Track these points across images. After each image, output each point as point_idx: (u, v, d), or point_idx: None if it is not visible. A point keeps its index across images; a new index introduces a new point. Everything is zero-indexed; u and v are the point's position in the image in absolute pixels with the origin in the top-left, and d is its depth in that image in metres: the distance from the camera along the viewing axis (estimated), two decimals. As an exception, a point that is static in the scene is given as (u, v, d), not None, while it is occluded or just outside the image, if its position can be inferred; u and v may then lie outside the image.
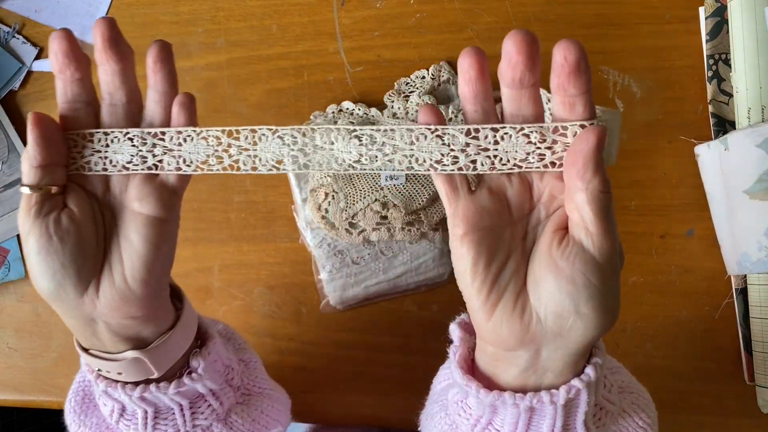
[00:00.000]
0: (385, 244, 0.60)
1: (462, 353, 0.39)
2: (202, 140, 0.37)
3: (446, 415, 0.41)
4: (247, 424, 0.45)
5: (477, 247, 0.33)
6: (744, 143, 0.53)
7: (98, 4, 0.64)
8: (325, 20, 0.62)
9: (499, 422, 0.37)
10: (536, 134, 0.34)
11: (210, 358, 0.42)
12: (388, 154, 0.35)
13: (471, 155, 0.34)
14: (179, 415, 0.42)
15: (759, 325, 0.55)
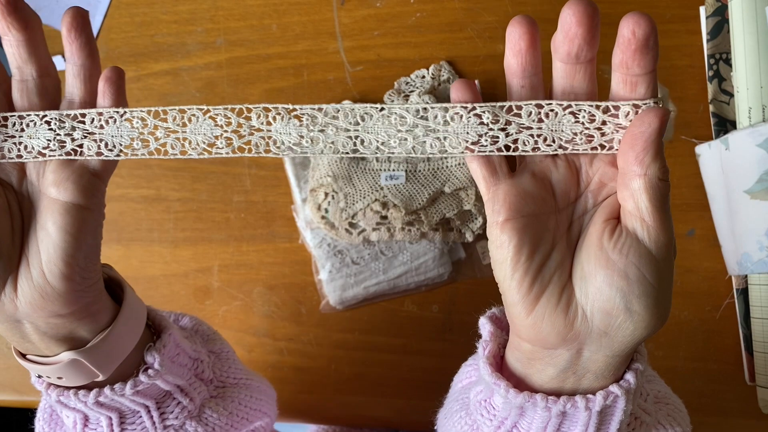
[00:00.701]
0: (385, 244, 0.60)
1: (492, 349, 0.36)
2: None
3: (467, 414, 0.39)
4: (224, 418, 0.43)
5: (521, 234, 0.31)
6: (745, 143, 0.53)
7: (97, 3, 0.64)
8: (325, 19, 0.62)
9: (525, 426, 0.34)
10: (585, 113, 0.31)
11: (167, 352, 0.39)
12: (420, 136, 0.32)
13: (512, 134, 0.32)
14: (147, 417, 0.39)
15: (760, 325, 0.55)
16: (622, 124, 0.31)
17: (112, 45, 0.64)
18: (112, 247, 0.64)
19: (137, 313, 0.39)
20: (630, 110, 0.31)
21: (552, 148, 0.32)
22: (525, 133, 0.32)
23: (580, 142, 0.31)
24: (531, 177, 0.32)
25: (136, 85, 0.64)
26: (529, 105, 0.31)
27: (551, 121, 0.31)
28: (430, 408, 0.62)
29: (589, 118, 0.31)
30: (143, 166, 0.64)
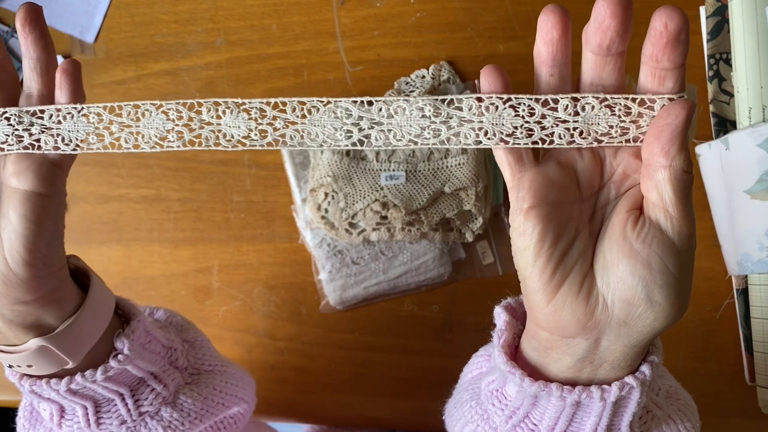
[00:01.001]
0: (385, 244, 0.60)
1: (507, 338, 0.37)
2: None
3: (477, 404, 0.39)
4: (199, 403, 0.43)
5: (545, 222, 0.31)
6: (745, 143, 0.53)
7: (97, 3, 0.64)
8: (325, 19, 0.62)
9: (538, 416, 0.35)
10: (621, 106, 0.31)
11: (137, 338, 0.39)
12: (454, 127, 0.32)
13: (548, 128, 0.32)
14: (122, 405, 0.39)
15: (760, 325, 0.55)
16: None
17: (111, 45, 0.64)
18: (112, 247, 0.64)
19: (104, 300, 0.39)
20: (666, 103, 0.31)
21: (587, 141, 0.32)
22: (561, 126, 0.32)
23: (615, 135, 0.32)
24: (556, 165, 0.32)
25: (136, 85, 0.64)
26: (566, 98, 0.31)
27: (587, 114, 0.31)
28: (429, 408, 0.63)
29: (624, 111, 0.31)
30: (143, 166, 0.64)
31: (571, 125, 0.32)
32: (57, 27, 0.64)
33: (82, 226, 0.65)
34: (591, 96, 0.31)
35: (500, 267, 0.61)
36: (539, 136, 0.32)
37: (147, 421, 0.41)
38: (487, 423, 0.38)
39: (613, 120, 0.31)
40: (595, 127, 0.32)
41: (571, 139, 0.32)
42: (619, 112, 0.31)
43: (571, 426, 0.34)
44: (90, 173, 0.64)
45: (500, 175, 0.59)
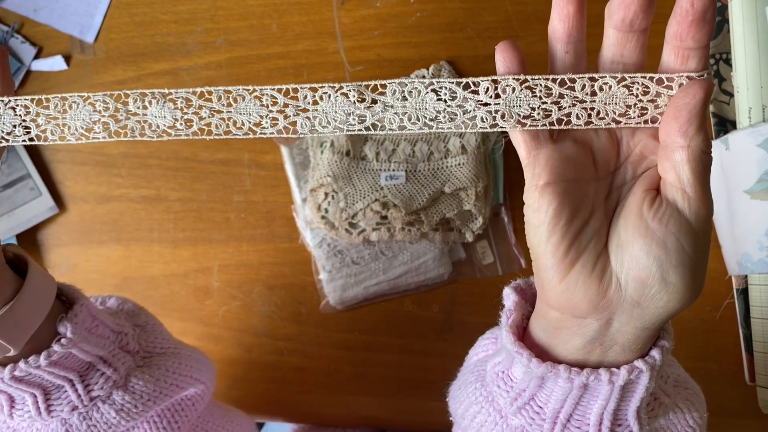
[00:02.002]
0: (385, 244, 0.60)
1: (515, 319, 0.36)
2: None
3: (482, 386, 0.39)
4: (151, 384, 0.42)
5: (561, 198, 0.30)
6: (745, 143, 0.53)
7: (97, 3, 0.63)
8: (325, 19, 0.62)
9: (544, 398, 0.34)
10: (639, 85, 0.31)
11: (80, 321, 0.39)
12: (470, 110, 0.31)
13: (565, 108, 0.31)
14: (71, 390, 0.39)
15: (760, 325, 0.55)
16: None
17: (112, 45, 0.64)
18: (111, 247, 0.64)
19: (44, 286, 0.39)
20: (684, 82, 0.30)
21: (605, 122, 0.31)
22: (578, 106, 0.31)
23: (633, 116, 0.31)
24: (573, 143, 0.32)
25: (136, 85, 0.64)
26: (583, 78, 0.31)
27: (605, 94, 0.31)
28: (430, 408, 0.63)
29: (643, 91, 0.31)
30: (143, 166, 0.64)
31: (588, 105, 0.31)
32: (57, 27, 0.64)
33: (82, 226, 0.65)
34: (609, 75, 0.31)
35: (500, 267, 0.60)
36: (557, 116, 0.31)
37: (99, 406, 0.40)
38: (492, 405, 0.37)
39: (631, 100, 0.31)
40: (613, 107, 0.31)
41: (588, 119, 0.31)
42: (637, 91, 0.31)
43: (577, 409, 0.34)
44: (90, 173, 0.64)
45: (500, 175, 0.59)
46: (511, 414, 0.36)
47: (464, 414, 0.40)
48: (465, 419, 0.39)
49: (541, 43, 0.59)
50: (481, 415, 0.38)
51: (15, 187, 0.63)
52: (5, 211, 0.63)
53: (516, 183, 0.60)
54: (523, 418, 0.35)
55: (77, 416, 0.39)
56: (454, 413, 0.41)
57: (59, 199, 0.65)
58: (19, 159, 0.63)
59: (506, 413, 0.36)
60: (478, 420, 0.38)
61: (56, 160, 0.64)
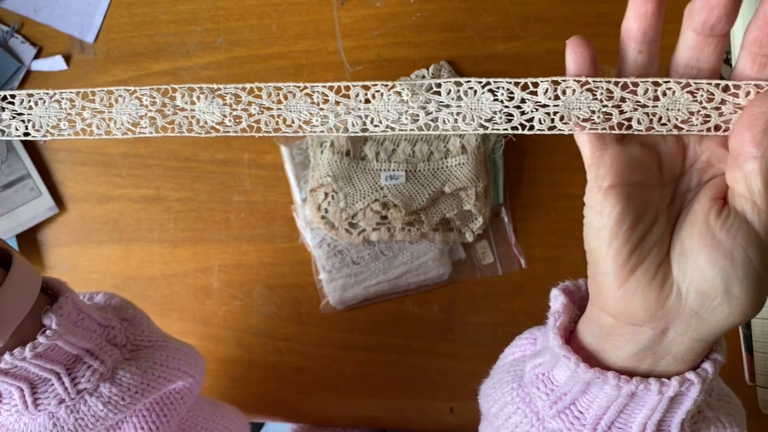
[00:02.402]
0: (385, 244, 0.60)
1: (563, 321, 0.35)
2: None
3: (519, 386, 0.38)
4: (138, 377, 0.42)
5: (625, 202, 0.30)
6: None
7: (97, 3, 0.63)
8: (325, 19, 0.62)
9: (586, 403, 0.34)
10: (704, 92, 0.30)
11: (66, 313, 0.39)
12: (528, 112, 0.30)
13: (626, 112, 0.30)
14: (58, 383, 0.39)
15: (760, 325, 0.55)
16: (741, 105, 0.30)
17: (111, 45, 0.64)
18: (111, 247, 0.64)
19: (29, 278, 0.38)
20: (751, 90, 0.29)
21: (666, 128, 0.31)
22: (640, 111, 0.31)
23: (696, 123, 0.30)
24: (640, 146, 0.31)
25: (136, 85, 0.63)
26: (647, 82, 0.30)
27: (668, 99, 0.30)
28: (430, 408, 0.63)
29: (707, 98, 0.30)
30: (143, 165, 0.64)
31: (650, 110, 0.31)
32: (57, 27, 0.64)
33: (82, 226, 0.65)
34: (673, 81, 0.30)
35: (500, 267, 0.60)
36: (617, 120, 0.31)
37: (86, 399, 0.40)
38: (529, 406, 0.37)
39: (695, 106, 0.30)
40: (676, 113, 0.30)
41: (650, 125, 0.31)
42: (701, 98, 0.30)
43: (620, 417, 0.33)
44: (90, 173, 0.64)
45: (500, 175, 0.59)
46: (549, 417, 0.35)
47: (498, 413, 0.39)
48: (499, 418, 0.39)
49: (541, 43, 0.59)
50: (517, 416, 0.37)
51: (15, 187, 0.63)
52: (5, 211, 0.63)
53: (516, 183, 0.60)
54: (561, 422, 0.35)
55: (64, 409, 0.39)
56: (487, 411, 0.41)
57: (59, 199, 0.64)
58: (19, 159, 0.63)
59: (544, 416, 0.36)
60: (513, 420, 0.38)
61: (56, 160, 0.64)
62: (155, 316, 0.64)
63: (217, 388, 0.64)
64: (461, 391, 0.62)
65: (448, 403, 0.62)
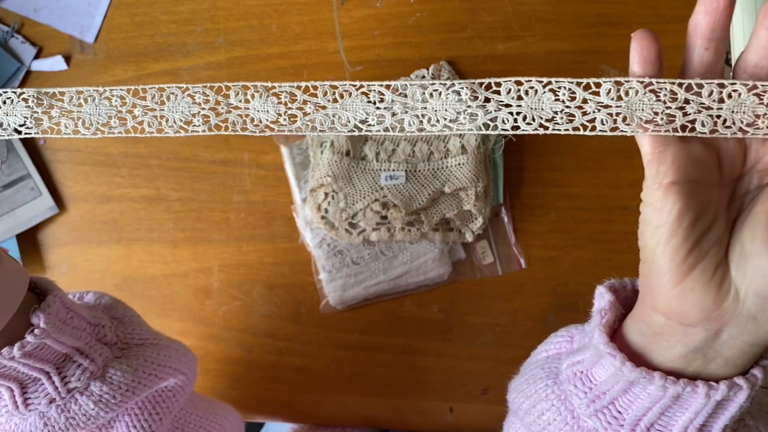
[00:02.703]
0: (385, 244, 0.60)
1: (609, 319, 0.35)
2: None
3: (555, 383, 0.38)
4: (129, 375, 0.42)
5: (686, 200, 0.29)
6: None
7: (97, 3, 0.64)
8: (325, 19, 0.62)
9: (626, 403, 0.33)
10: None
11: (54, 312, 0.38)
12: (590, 112, 0.30)
13: (690, 114, 0.30)
14: (48, 383, 0.38)
15: None
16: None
17: (112, 45, 0.64)
18: (112, 247, 0.64)
19: (16, 277, 0.38)
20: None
21: (731, 131, 0.30)
22: (704, 113, 0.30)
23: (762, 126, 0.30)
24: (701, 144, 0.31)
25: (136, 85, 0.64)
26: (712, 84, 0.30)
27: (733, 102, 0.30)
28: (430, 408, 0.63)
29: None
30: (143, 166, 0.64)
31: (714, 112, 0.30)
32: (57, 27, 0.64)
33: (82, 226, 0.65)
34: (739, 83, 0.29)
35: (500, 267, 0.61)
36: (681, 122, 0.30)
37: (77, 398, 0.40)
38: (564, 404, 0.36)
39: (761, 109, 0.29)
40: (741, 116, 0.30)
41: (714, 127, 0.30)
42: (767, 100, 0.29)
43: (661, 419, 0.32)
44: (90, 173, 0.64)
45: (500, 175, 0.59)
46: (585, 416, 0.35)
47: (530, 410, 0.38)
48: (530, 415, 0.38)
49: (541, 43, 0.59)
50: (551, 413, 0.37)
51: (15, 187, 0.63)
52: (5, 211, 0.63)
53: (516, 183, 0.60)
54: (598, 421, 0.34)
55: (55, 409, 0.39)
56: (517, 407, 0.40)
57: (59, 199, 0.65)
58: (19, 159, 0.63)
59: (579, 414, 0.35)
60: (546, 417, 0.37)
61: (56, 160, 0.64)
62: (155, 316, 0.64)
63: (217, 388, 0.64)
64: (461, 391, 0.62)
65: (448, 403, 0.62)
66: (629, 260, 0.60)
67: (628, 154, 0.59)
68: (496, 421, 0.62)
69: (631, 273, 0.60)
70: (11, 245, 0.64)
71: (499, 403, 0.61)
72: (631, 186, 0.59)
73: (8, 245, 0.64)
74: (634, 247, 0.62)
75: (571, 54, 0.59)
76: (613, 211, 0.60)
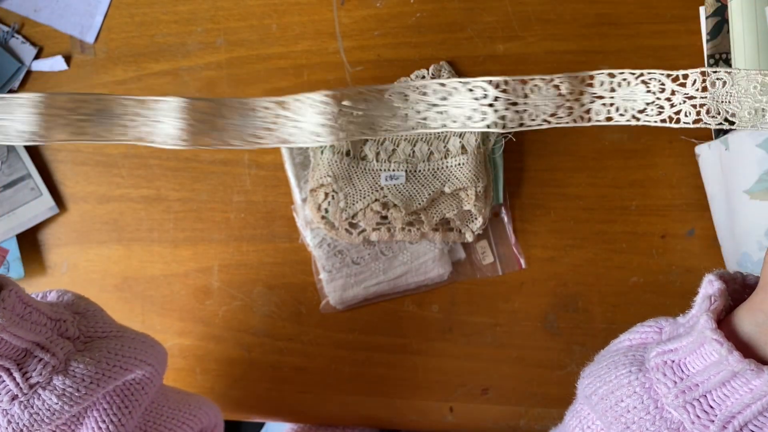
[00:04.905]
0: (385, 244, 0.60)
1: (717, 307, 0.33)
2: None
3: (639, 371, 0.36)
4: (92, 367, 0.41)
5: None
6: (745, 143, 0.53)
7: (97, 4, 0.64)
8: (325, 20, 0.62)
9: (721, 397, 0.31)
10: None
11: (9, 306, 0.38)
12: (677, 104, 0.28)
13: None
14: (9, 379, 0.38)
15: (759, 325, 0.55)
16: None
17: (112, 45, 0.64)
18: (112, 247, 0.64)
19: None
20: None
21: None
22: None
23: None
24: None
25: (136, 86, 0.64)
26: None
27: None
28: (429, 408, 0.63)
29: None
30: (143, 166, 0.64)
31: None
32: (57, 27, 0.64)
33: (83, 226, 0.65)
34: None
35: (500, 267, 0.61)
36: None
37: (39, 393, 0.39)
38: (648, 393, 0.35)
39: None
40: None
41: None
42: None
43: (758, 418, 0.30)
44: (90, 173, 0.64)
45: (500, 175, 0.60)
46: (672, 407, 0.33)
47: (608, 395, 0.37)
48: (607, 400, 0.37)
49: (541, 43, 0.59)
50: (631, 400, 0.35)
51: (15, 187, 0.63)
52: (5, 211, 0.63)
53: (516, 183, 0.60)
54: (686, 413, 0.32)
55: (18, 405, 0.39)
56: (591, 392, 0.39)
57: (59, 199, 0.65)
58: (20, 159, 0.63)
59: (664, 404, 0.34)
60: (626, 404, 0.36)
61: (56, 160, 0.64)
62: (155, 316, 0.64)
63: (217, 388, 0.64)
64: (461, 391, 0.62)
65: (448, 403, 0.62)
66: (629, 260, 0.60)
67: (628, 154, 0.59)
68: (496, 421, 0.62)
69: (631, 273, 0.60)
70: (11, 245, 0.64)
71: (499, 403, 0.61)
72: (631, 186, 0.59)
73: (8, 245, 0.64)
74: (634, 247, 0.62)
75: (570, 54, 0.59)
76: (613, 211, 0.60)
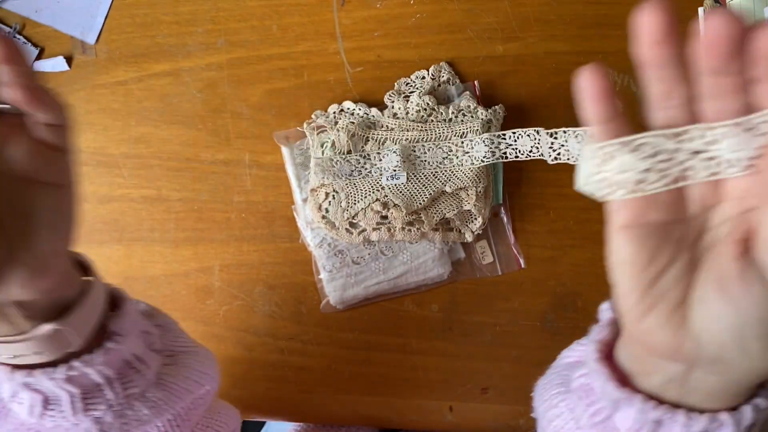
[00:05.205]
0: (385, 244, 0.60)
1: (604, 337, 0.34)
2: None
3: (566, 392, 0.38)
4: (180, 380, 0.42)
5: (637, 246, 0.27)
6: (743, 143, 0.53)
7: (98, 5, 0.64)
8: (325, 20, 0.62)
9: (620, 420, 0.32)
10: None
11: (130, 320, 0.39)
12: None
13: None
14: (109, 389, 0.38)
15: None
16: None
17: (113, 46, 0.64)
18: (113, 247, 0.64)
19: (100, 282, 0.39)
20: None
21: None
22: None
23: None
24: None
25: (137, 86, 0.64)
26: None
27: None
28: (430, 408, 0.63)
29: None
30: (144, 166, 0.64)
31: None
32: (58, 27, 0.64)
33: (84, 226, 0.65)
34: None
35: (500, 267, 0.61)
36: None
37: (133, 403, 0.40)
38: (572, 413, 0.36)
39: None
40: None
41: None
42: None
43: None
44: (91, 173, 0.64)
45: (500, 175, 0.60)
46: (587, 427, 0.35)
47: (545, 414, 0.39)
48: (544, 419, 0.39)
49: (541, 43, 0.59)
50: (560, 420, 0.37)
51: (16, 188, 0.63)
52: (7, 211, 0.63)
53: (516, 183, 0.60)
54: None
55: (111, 414, 0.39)
56: (537, 406, 0.41)
57: (61, 199, 0.65)
58: (21, 159, 0.63)
59: (583, 425, 0.35)
60: (556, 424, 0.38)
61: (58, 160, 0.65)
62: (156, 315, 0.64)
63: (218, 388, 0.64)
64: (461, 391, 0.62)
65: (447, 403, 0.62)
66: (628, 260, 0.60)
67: (627, 155, 0.59)
68: (496, 420, 0.62)
69: (630, 273, 0.60)
70: (13, 245, 0.64)
71: (498, 403, 0.62)
72: (630, 186, 0.59)
73: (10, 245, 0.64)
74: (633, 247, 0.62)
75: (570, 55, 0.59)
76: (612, 211, 0.60)
